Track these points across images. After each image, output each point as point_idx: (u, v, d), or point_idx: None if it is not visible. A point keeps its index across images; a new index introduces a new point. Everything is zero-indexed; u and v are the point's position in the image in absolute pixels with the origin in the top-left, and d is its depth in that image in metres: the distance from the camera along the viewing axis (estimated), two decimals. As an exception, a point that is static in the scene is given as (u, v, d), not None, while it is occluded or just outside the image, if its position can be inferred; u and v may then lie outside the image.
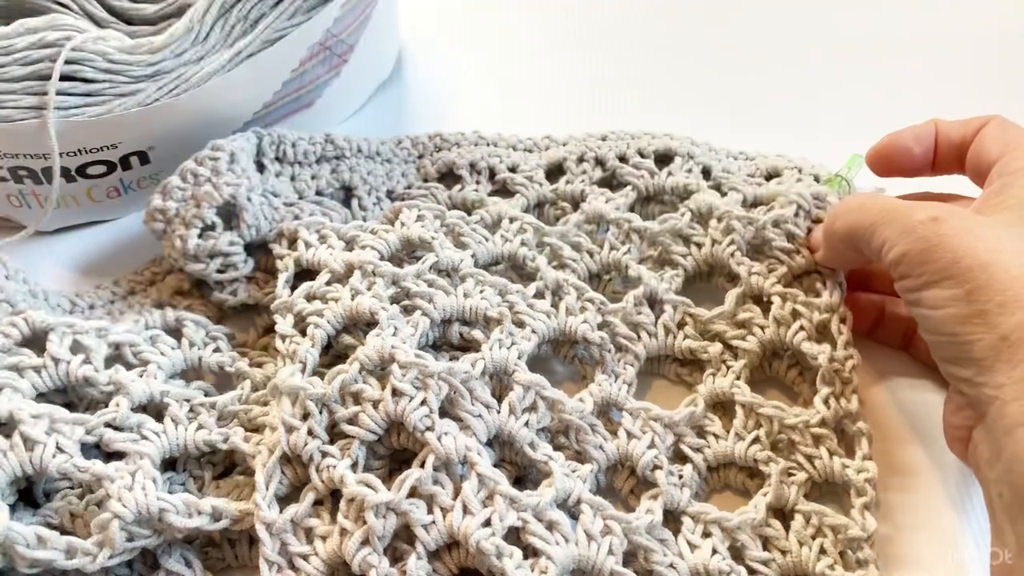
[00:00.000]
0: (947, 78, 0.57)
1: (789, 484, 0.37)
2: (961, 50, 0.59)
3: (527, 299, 0.41)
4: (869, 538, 0.35)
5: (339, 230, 0.43)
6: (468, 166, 0.50)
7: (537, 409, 0.37)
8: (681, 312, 0.42)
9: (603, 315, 0.41)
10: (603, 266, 0.44)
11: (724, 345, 0.41)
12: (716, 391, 0.40)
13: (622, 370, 0.40)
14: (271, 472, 0.35)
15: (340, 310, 0.39)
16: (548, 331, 0.40)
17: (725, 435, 0.39)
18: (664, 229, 0.44)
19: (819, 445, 0.38)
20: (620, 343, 0.41)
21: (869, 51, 0.59)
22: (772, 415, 0.38)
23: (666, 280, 0.43)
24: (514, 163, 0.50)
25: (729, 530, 0.36)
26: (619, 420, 0.39)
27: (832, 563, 0.35)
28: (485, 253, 0.43)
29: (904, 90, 0.56)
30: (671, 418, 0.39)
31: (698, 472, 0.38)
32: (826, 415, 0.38)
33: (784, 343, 0.40)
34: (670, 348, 0.42)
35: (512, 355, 0.38)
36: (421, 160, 0.51)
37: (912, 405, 0.41)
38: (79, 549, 0.33)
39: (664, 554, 0.35)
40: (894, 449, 0.40)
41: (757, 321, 0.41)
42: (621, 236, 0.44)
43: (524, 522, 0.34)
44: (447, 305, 0.39)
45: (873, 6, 0.61)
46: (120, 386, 0.38)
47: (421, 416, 0.35)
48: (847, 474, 0.37)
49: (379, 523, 0.33)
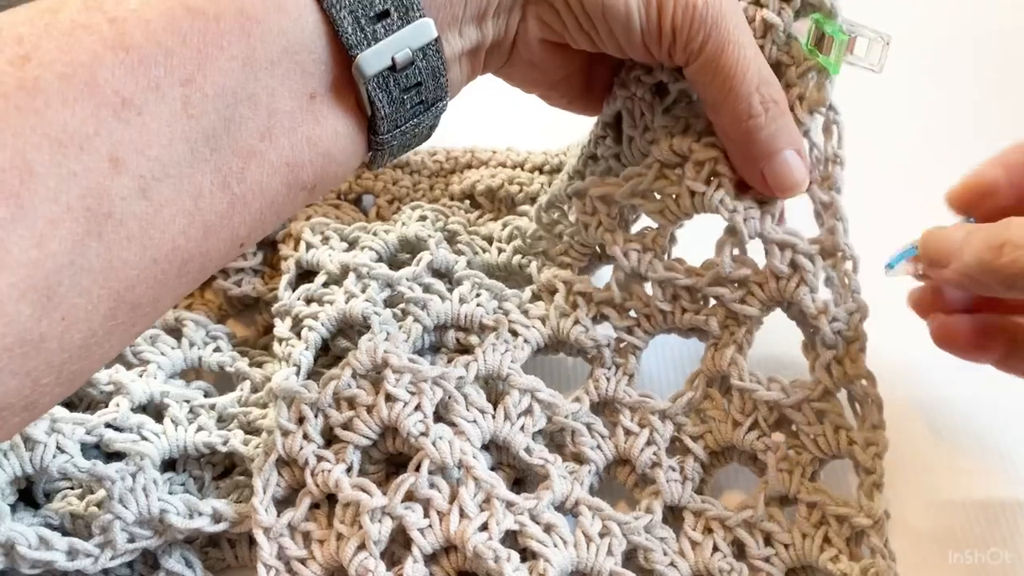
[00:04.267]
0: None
1: (791, 468, 0.36)
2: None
3: (523, 305, 0.40)
4: (876, 523, 0.34)
5: (342, 231, 0.43)
6: (487, 192, 0.48)
7: (533, 412, 0.37)
8: (671, 289, 0.38)
9: (598, 308, 0.39)
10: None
11: (726, 312, 0.38)
12: (717, 367, 0.38)
13: (622, 360, 0.39)
14: (267, 476, 0.35)
15: (334, 313, 0.39)
16: (542, 338, 0.39)
17: (726, 417, 0.37)
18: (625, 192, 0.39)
19: (822, 420, 0.36)
20: (618, 338, 0.39)
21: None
22: (768, 399, 0.36)
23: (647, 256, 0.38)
24: (535, 191, 0.47)
25: (730, 527, 0.35)
26: (620, 411, 0.38)
27: (836, 554, 0.34)
28: (480, 263, 0.43)
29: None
30: (670, 409, 0.38)
31: (700, 463, 0.37)
32: (829, 384, 0.36)
33: (785, 297, 0.37)
34: (669, 325, 0.39)
35: (506, 359, 0.37)
36: (451, 176, 0.49)
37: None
38: (81, 550, 0.34)
39: (664, 553, 0.35)
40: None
41: (755, 279, 0.37)
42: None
43: (521, 525, 0.34)
44: (441, 311, 0.39)
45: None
46: (120, 386, 0.38)
47: (415, 422, 0.35)
48: (853, 451, 0.35)
49: (375, 528, 0.33)
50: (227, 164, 0.28)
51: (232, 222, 0.29)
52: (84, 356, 0.27)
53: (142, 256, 0.27)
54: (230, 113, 0.28)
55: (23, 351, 0.25)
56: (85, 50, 0.26)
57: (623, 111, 0.38)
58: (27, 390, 0.26)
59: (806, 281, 0.36)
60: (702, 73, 0.34)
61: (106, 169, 0.26)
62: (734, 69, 0.34)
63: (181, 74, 0.27)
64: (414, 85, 0.31)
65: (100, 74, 0.26)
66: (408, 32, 0.30)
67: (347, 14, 0.29)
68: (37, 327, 0.25)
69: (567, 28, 0.34)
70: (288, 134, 0.29)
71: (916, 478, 0.39)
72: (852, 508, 0.35)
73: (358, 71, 0.30)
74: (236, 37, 0.28)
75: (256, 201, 0.29)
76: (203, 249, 0.29)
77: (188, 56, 0.27)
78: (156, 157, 0.27)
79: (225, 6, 0.28)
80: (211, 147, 0.28)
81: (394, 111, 0.31)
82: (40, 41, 0.26)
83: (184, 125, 0.27)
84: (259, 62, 0.28)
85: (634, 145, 0.39)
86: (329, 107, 0.30)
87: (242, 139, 0.28)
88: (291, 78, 0.29)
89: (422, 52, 0.31)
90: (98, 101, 0.26)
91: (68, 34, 0.26)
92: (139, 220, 0.27)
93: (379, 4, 0.30)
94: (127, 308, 0.28)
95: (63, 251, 0.25)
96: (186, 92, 0.27)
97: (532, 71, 0.37)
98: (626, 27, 0.34)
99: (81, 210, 0.25)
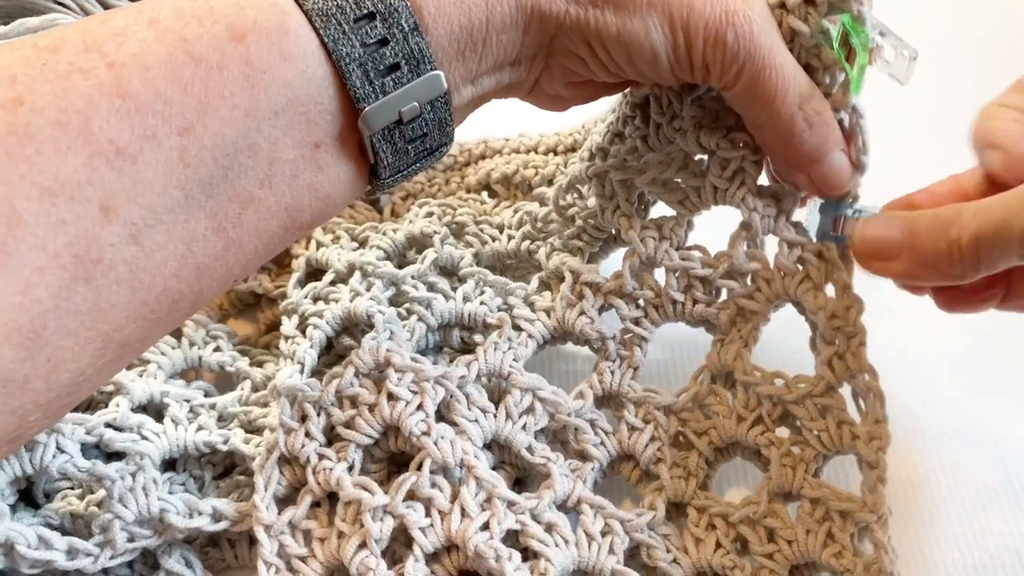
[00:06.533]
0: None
1: (794, 464, 0.36)
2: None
3: (529, 297, 0.40)
4: (879, 519, 0.34)
5: (353, 230, 0.43)
6: (503, 179, 0.48)
7: (534, 411, 0.37)
8: (685, 279, 0.38)
9: (606, 298, 0.38)
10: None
11: (737, 308, 0.37)
12: (723, 363, 0.37)
13: (627, 352, 0.38)
14: (269, 474, 0.35)
15: (338, 311, 0.39)
16: (547, 331, 0.39)
17: (730, 413, 0.37)
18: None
19: (825, 416, 0.36)
20: (624, 329, 0.38)
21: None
22: (772, 393, 0.36)
23: (663, 244, 0.38)
24: (551, 173, 0.46)
25: (733, 524, 0.35)
26: (625, 406, 0.38)
27: (840, 550, 0.34)
28: (490, 252, 0.43)
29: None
30: (674, 404, 0.37)
31: (704, 458, 0.37)
32: (831, 379, 0.35)
33: (790, 294, 0.37)
34: (679, 316, 0.38)
35: (508, 358, 0.37)
36: (466, 168, 0.49)
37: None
38: (80, 550, 0.34)
39: (667, 550, 0.35)
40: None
41: (763, 274, 0.37)
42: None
43: (522, 525, 0.34)
44: (445, 311, 0.39)
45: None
46: (120, 386, 0.38)
47: (417, 421, 0.35)
48: (857, 446, 0.35)
49: (376, 526, 0.33)
50: (223, 210, 0.28)
51: (226, 263, 0.29)
52: (72, 392, 0.27)
53: (131, 299, 0.27)
54: (229, 162, 0.27)
55: (7, 391, 0.25)
56: (81, 96, 0.25)
57: (651, 97, 0.38)
58: (12, 427, 0.26)
59: (811, 278, 0.36)
60: (741, 98, 0.34)
61: (96, 217, 0.25)
62: (774, 93, 0.33)
63: (179, 123, 0.26)
64: (419, 136, 0.31)
65: (95, 122, 0.25)
66: (417, 85, 0.30)
67: (357, 67, 0.29)
68: (21, 368, 0.25)
69: (593, 72, 0.34)
70: (289, 181, 0.29)
71: (916, 477, 0.39)
72: (856, 503, 0.34)
73: (364, 124, 0.29)
74: (239, 87, 0.27)
75: (251, 243, 0.29)
76: (196, 289, 0.28)
77: (188, 105, 0.26)
78: (149, 205, 0.26)
79: (229, 55, 0.27)
80: (207, 194, 0.27)
81: (397, 160, 0.31)
82: (34, 84, 0.25)
83: (180, 174, 0.26)
84: (262, 112, 0.27)
85: (661, 132, 0.38)
86: (333, 155, 0.30)
87: (241, 186, 0.28)
88: (295, 128, 0.28)
89: (430, 105, 0.30)
90: (91, 150, 0.25)
91: (64, 78, 0.25)
92: (129, 265, 0.26)
93: (390, 57, 0.29)
94: (115, 347, 0.27)
95: (49, 296, 0.25)
96: (183, 142, 0.26)
97: (554, 102, 0.36)
98: (654, 67, 0.33)
99: (69, 257, 0.25)
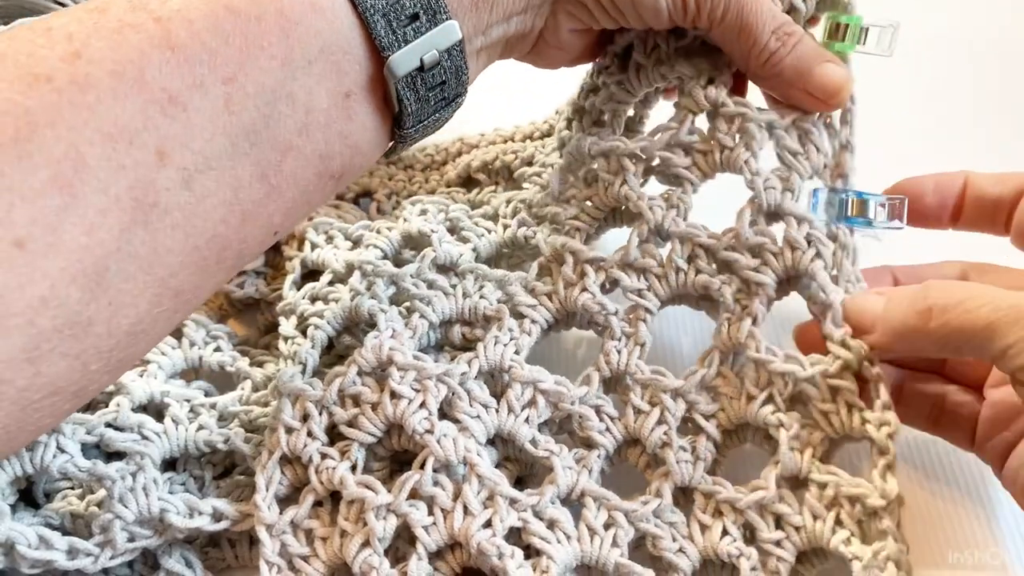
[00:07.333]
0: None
1: (803, 448, 0.35)
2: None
3: (529, 284, 0.39)
4: (889, 505, 0.33)
5: (346, 230, 0.43)
6: (483, 167, 0.49)
7: (536, 404, 0.36)
8: (690, 245, 0.38)
9: (606, 271, 0.38)
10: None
11: (740, 282, 0.37)
12: (734, 341, 0.37)
13: (632, 329, 0.38)
14: (271, 473, 0.35)
15: (340, 311, 0.39)
16: (551, 315, 0.39)
17: (739, 394, 0.36)
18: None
19: (836, 398, 0.35)
20: (628, 301, 0.38)
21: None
22: (783, 371, 0.35)
23: (671, 212, 0.38)
24: (530, 155, 0.48)
25: (741, 510, 0.34)
26: (632, 388, 0.37)
27: (848, 536, 0.33)
28: (487, 245, 0.42)
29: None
30: (682, 387, 0.37)
31: (712, 442, 0.36)
32: (848, 358, 0.35)
33: (799, 270, 0.36)
34: (682, 287, 0.38)
35: (508, 352, 0.37)
36: (444, 167, 0.50)
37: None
38: (81, 550, 0.33)
39: (673, 539, 0.34)
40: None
41: (770, 248, 0.37)
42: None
43: (525, 522, 0.33)
44: (446, 308, 0.39)
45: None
46: (120, 386, 0.38)
47: (420, 419, 0.35)
48: (867, 430, 0.34)
49: (379, 525, 0.33)
50: (265, 157, 0.30)
51: (268, 210, 0.30)
52: (131, 343, 0.28)
53: (184, 244, 0.28)
54: (269, 110, 0.29)
55: (72, 333, 0.26)
56: (133, 48, 0.27)
57: (635, 40, 0.40)
58: (77, 374, 0.27)
59: (821, 255, 0.36)
60: (726, 33, 0.37)
61: (153, 162, 0.27)
62: (754, 23, 0.36)
63: (224, 72, 0.28)
64: (439, 84, 0.33)
65: (148, 71, 0.27)
66: (436, 34, 0.32)
67: (380, 17, 0.31)
68: (86, 310, 0.26)
69: (595, 18, 0.37)
70: (323, 129, 0.31)
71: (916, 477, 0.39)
72: (866, 488, 0.33)
73: (390, 71, 0.31)
74: (276, 37, 0.29)
75: (290, 191, 0.31)
76: (241, 236, 0.30)
77: (231, 55, 0.28)
78: (199, 151, 0.28)
79: (265, 7, 0.29)
80: (251, 141, 0.29)
81: (420, 108, 0.33)
82: (90, 39, 0.27)
83: (226, 121, 0.28)
84: (297, 62, 0.29)
85: (643, 73, 0.40)
86: (361, 104, 0.32)
87: (280, 134, 0.30)
88: (328, 77, 0.30)
89: (447, 53, 0.32)
90: (146, 97, 0.27)
91: (116, 32, 0.27)
92: (182, 210, 0.28)
93: (410, 7, 0.31)
94: (171, 294, 0.29)
95: (111, 239, 0.26)
96: (228, 90, 0.28)
97: (555, 54, 0.39)
98: (655, 11, 0.36)
99: (129, 200, 0.27)
